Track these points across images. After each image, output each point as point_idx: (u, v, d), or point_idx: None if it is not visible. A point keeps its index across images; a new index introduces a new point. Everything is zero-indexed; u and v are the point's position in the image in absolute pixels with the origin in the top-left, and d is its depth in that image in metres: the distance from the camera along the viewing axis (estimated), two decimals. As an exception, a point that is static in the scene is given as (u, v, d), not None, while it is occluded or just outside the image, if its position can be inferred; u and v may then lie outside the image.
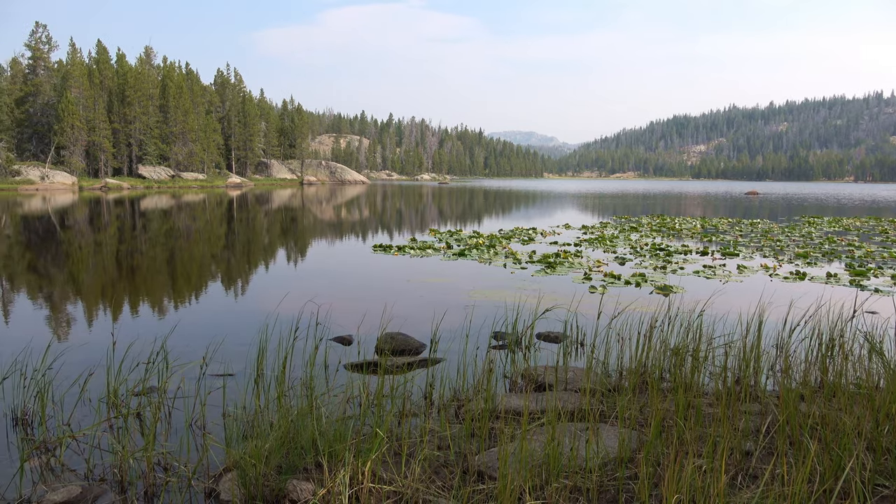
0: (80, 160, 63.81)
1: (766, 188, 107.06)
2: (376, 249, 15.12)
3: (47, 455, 3.96)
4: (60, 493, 3.38)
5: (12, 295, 9.88)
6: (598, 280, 10.70)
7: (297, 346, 5.58)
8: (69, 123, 61.78)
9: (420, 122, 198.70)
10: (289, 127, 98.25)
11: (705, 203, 47.01)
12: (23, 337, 6.64)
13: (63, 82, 64.24)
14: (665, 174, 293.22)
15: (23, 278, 11.58)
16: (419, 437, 3.81)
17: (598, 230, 20.49)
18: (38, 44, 67.23)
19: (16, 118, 65.01)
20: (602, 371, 5.27)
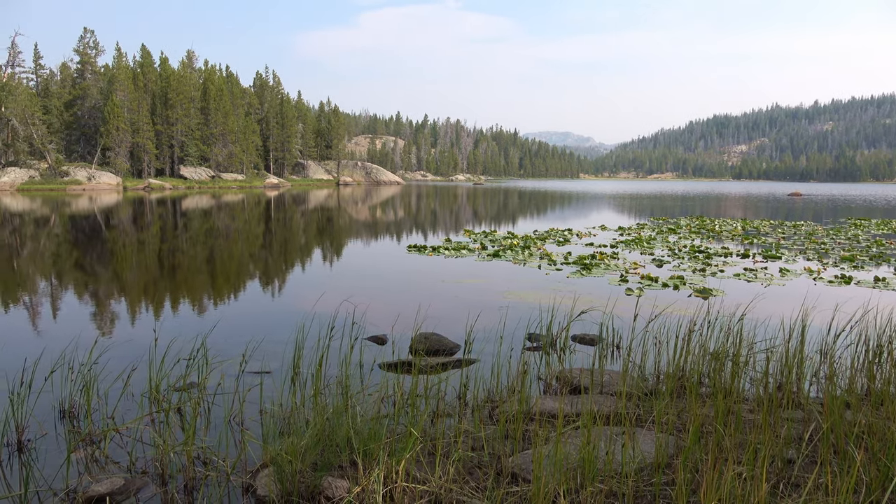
0: (124, 161, 65.70)
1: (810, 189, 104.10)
2: (411, 250, 15.18)
3: (92, 447, 4.08)
4: (104, 485, 3.48)
5: (61, 291, 10.22)
6: (634, 282, 10.56)
7: (332, 345, 5.65)
8: (114, 125, 63.67)
9: (455, 123, 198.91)
10: (325, 128, 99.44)
11: (746, 204, 45.94)
12: (70, 332, 6.87)
13: (109, 86, 66.24)
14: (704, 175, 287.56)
15: (70, 275, 11.97)
16: (453, 438, 3.82)
17: (634, 232, 20.21)
18: (86, 48, 69.46)
19: (65, 121, 67.31)
20: (638, 375, 5.20)
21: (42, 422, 4.46)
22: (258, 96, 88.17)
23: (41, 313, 8.45)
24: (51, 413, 4.65)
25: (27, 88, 66.86)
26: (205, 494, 3.50)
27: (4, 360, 5.73)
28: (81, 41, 69.49)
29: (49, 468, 3.82)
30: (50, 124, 65.34)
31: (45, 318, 8.13)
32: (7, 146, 62.21)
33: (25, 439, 4.17)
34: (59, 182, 60.13)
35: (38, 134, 62.69)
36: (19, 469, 3.84)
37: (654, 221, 25.63)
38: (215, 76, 77.32)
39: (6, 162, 62.02)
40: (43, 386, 4.77)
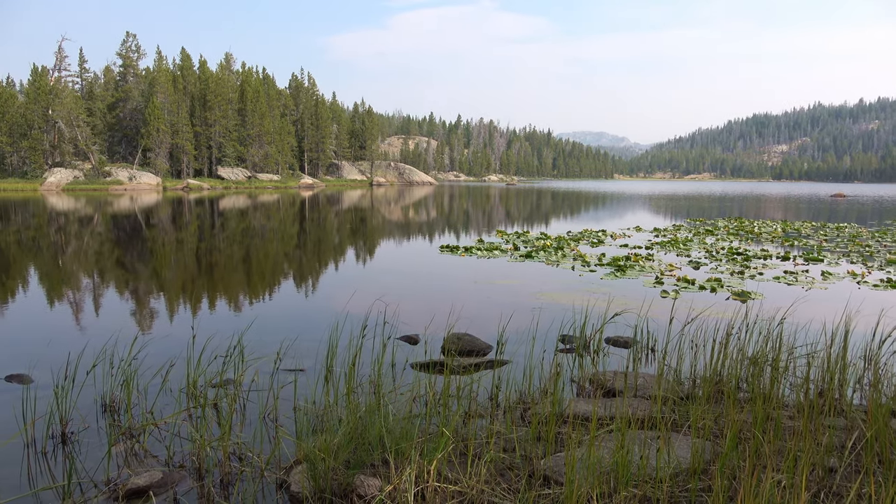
0: (164, 162, 67.32)
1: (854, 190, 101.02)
2: (443, 250, 15.20)
3: (132, 441, 4.19)
4: (143, 478, 3.57)
5: (103, 288, 10.51)
6: (670, 284, 10.39)
7: (365, 345, 5.69)
8: (155, 127, 65.26)
9: (488, 124, 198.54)
10: (359, 129, 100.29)
11: (787, 206, 44.82)
12: (111, 328, 7.06)
13: (150, 88, 67.94)
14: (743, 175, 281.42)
15: (112, 273, 12.31)
16: (485, 439, 3.81)
17: (670, 233, 19.89)
18: (128, 52, 71.36)
19: (108, 123, 69.27)
20: (674, 378, 5.11)
21: (84, 415, 4.59)
22: (293, 98, 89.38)
23: (84, 309, 8.69)
24: (93, 407, 4.78)
25: (73, 91, 69.04)
26: (240, 489, 3.56)
27: (50, 355, 5.92)
28: (124, 45, 71.43)
29: (91, 460, 3.93)
30: (94, 126, 67.37)
31: (88, 314, 8.36)
32: (53, 147, 64.29)
33: (69, 432, 4.30)
34: (102, 182, 61.90)
35: (83, 135, 64.66)
36: (63, 461, 3.95)
37: (690, 223, 25.19)
38: (252, 78, 78.65)
39: (52, 163, 64.11)
40: (85, 380, 4.91)
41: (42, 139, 63.33)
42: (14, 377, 5.45)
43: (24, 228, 21.91)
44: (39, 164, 63.02)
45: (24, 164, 63.82)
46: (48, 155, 64.16)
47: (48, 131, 63.92)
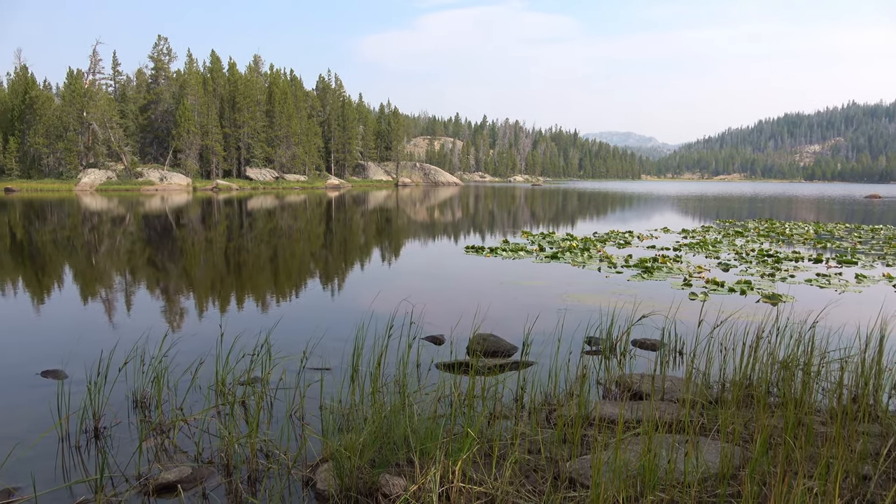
0: (194, 163, 68.46)
1: (890, 191, 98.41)
2: (468, 251, 15.20)
3: (162, 436, 4.26)
4: (173, 473, 3.63)
5: (134, 286, 10.72)
6: (698, 286, 10.24)
7: (391, 344, 5.71)
8: (185, 128, 66.42)
9: (514, 124, 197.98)
10: (385, 130, 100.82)
11: (819, 207, 43.87)
12: (142, 325, 7.20)
13: (180, 90, 69.17)
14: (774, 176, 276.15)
15: (143, 271, 12.55)
16: (510, 440, 3.80)
17: (699, 234, 19.61)
18: (160, 55, 72.75)
19: (140, 124, 70.70)
20: (702, 382, 5.04)
21: (116, 411, 4.69)
22: (320, 99, 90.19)
23: (116, 307, 8.88)
24: (124, 402, 4.88)
25: (106, 94, 70.64)
26: (267, 486, 3.60)
27: (83, 351, 6.06)
28: (156, 48, 72.85)
29: (122, 455, 4.01)
30: (126, 128, 68.82)
31: (120, 312, 8.54)
32: (88, 149, 65.82)
33: (102, 427, 4.40)
34: (134, 182, 63.16)
35: (116, 137, 66.09)
36: (96, 455, 4.04)
37: (719, 224, 24.80)
38: (280, 80, 79.56)
39: (87, 164, 65.64)
40: (117, 376, 5.01)
41: (77, 141, 64.90)
42: (49, 373, 5.59)
43: (60, 228, 22.46)
44: (74, 165, 64.60)
45: (59, 165, 65.47)
46: (82, 156, 65.73)
47: (83, 133, 65.47)
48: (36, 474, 3.70)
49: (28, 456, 3.93)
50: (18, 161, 65.87)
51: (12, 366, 5.88)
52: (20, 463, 3.83)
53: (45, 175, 65.24)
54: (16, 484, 3.61)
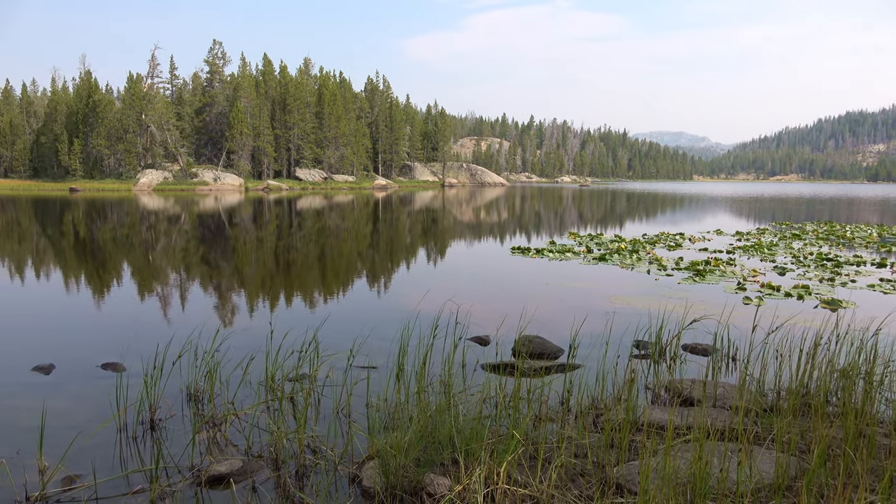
0: (246, 163, 70.22)
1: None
2: (514, 251, 15.12)
3: (214, 429, 4.38)
4: (224, 465, 3.73)
5: (188, 283, 11.06)
6: (753, 291, 9.93)
7: (436, 344, 5.73)
8: (238, 130, 68.17)
9: (562, 124, 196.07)
10: (432, 131, 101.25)
11: (883, 209, 41.94)
12: (196, 321, 7.41)
13: (234, 93, 71.02)
14: (834, 177, 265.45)
15: (196, 269, 12.93)
16: (555, 443, 3.75)
17: (754, 237, 19.01)
18: (215, 59, 74.83)
19: (195, 126, 72.94)
20: (756, 389, 4.88)
21: (171, 403, 4.84)
22: (369, 100, 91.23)
23: (171, 302, 9.17)
24: (179, 395, 5.03)
25: (164, 97, 73.17)
26: (314, 482, 3.66)
27: (140, 345, 6.28)
28: (211, 52, 74.96)
29: (176, 447, 4.14)
30: (182, 129, 71.12)
31: (175, 307, 8.82)
32: (146, 150, 68.32)
33: (157, 418, 4.55)
34: (189, 183, 65.19)
35: (172, 139, 68.37)
36: (151, 446, 4.18)
37: (775, 226, 23.99)
38: (329, 82, 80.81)
39: (145, 165, 68.13)
40: (172, 370, 5.18)
41: (136, 142, 67.45)
42: (109, 365, 5.82)
43: (119, 226, 23.36)
44: (133, 166, 67.15)
45: (119, 165, 68.18)
46: (141, 157, 68.26)
47: (141, 135, 67.99)
48: (95, 463, 3.85)
49: (88, 445, 4.09)
50: (82, 162, 68.89)
51: (76, 359, 6.14)
52: (81, 451, 3.99)
53: (106, 175, 68.04)
54: (77, 471, 3.77)
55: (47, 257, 14.56)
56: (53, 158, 71.99)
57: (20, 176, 75.62)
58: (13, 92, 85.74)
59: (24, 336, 7.24)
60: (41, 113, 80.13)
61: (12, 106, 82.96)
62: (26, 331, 7.52)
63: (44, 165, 74.65)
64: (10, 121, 77.69)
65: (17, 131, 77.29)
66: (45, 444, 3.91)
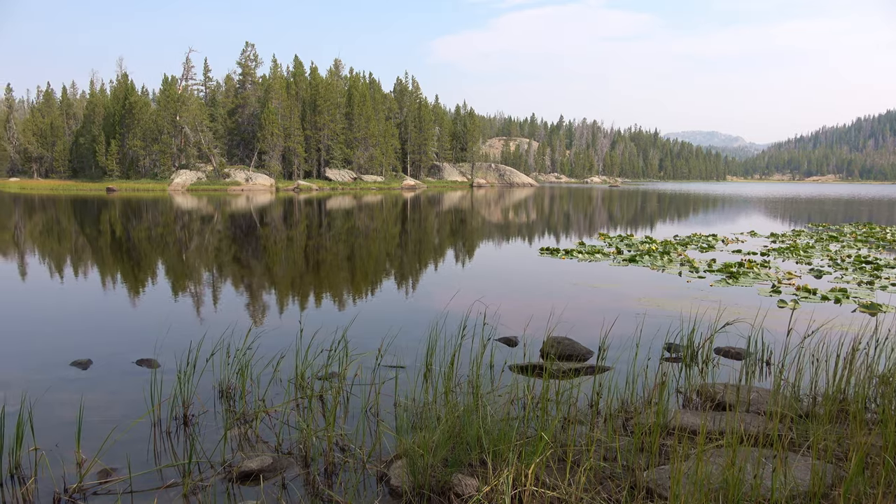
0: (277, 164, 71.16)
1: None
2: (543, 252, 15.04)
3: (245, 426, 4.45)
4: (255, 462, 3.78)
5: (220, 281, 11.24)
6: (788, 294, 9.72)
7: (464, 345, 5.73)
8: (269, 131, 69.10)
9: (591, 124, 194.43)
10: (461, 131, 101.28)
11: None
12: (228, 319, 7.53)
13: (265, 94, 72.02)
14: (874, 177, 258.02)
15: (228, 268, 13.14)
16: (584, 446, 3.72)
17: (789, 239, 18.61)
18: (247, 61, 75.97)
19: (227, 127, 74.15)
20: (791, 394, 4.77)
21: (203, 400, 4.93)
22: (398, 101, 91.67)
23: (204, 300, 9.34)
24: (211, 392, 5.12)
25: (198, 99, 74.56)
26: (343, 479, 3.69)
27: (174, 342, 6.41)
28: (243, 54, 76.13)
29: (208, 442, 4.21)
30: (215, 131, 72.34)
31: (208, 305, 8.97)
32: (180, 151, 69.69)
33: (190, 414, 4.63)
34: (222, 183, 66.27)
35: (206, 140, 69.61)
36: (184, 441, 4.26)
37: (812, 228, 23.44)
38: (359, 83, 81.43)
39: (179, 165, 69.49)
40: (205, 367, 5.27)
41: (170, 143, 68.85)
42: (144, 361, 5.95)
43: (154, 225, 23.86)
44: (168, 167, 68.56)
45: (154, 166, 69.67)
46: (175, 158, 69.65)
47: (176, 136, 69.36)
48: (130, 456, 3.93)
49: (124, 439, 4.19)
50: (118, 163, 70.56)
51: (112, 354, 6.29)
52: (117, 445, 4.09)
53: (141, 175, 69.58)
54: (113, 465, 3.86)
55: (85, 255, 14.94)
56: (91, 159, 73.90)
57: (60, 176, 77.83)
58: (54, 94, 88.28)
59: (63, 332, 7.44)
60: (80, 115, 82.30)
61: (53, 108, 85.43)
62: (65, 326, 7.73)
63: (82, 166, 76.69)
64: (51, 123, 79.99)
65: (58, 133, 79.56)
66: (83, 438, 4.01)
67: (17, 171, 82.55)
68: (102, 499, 3.51)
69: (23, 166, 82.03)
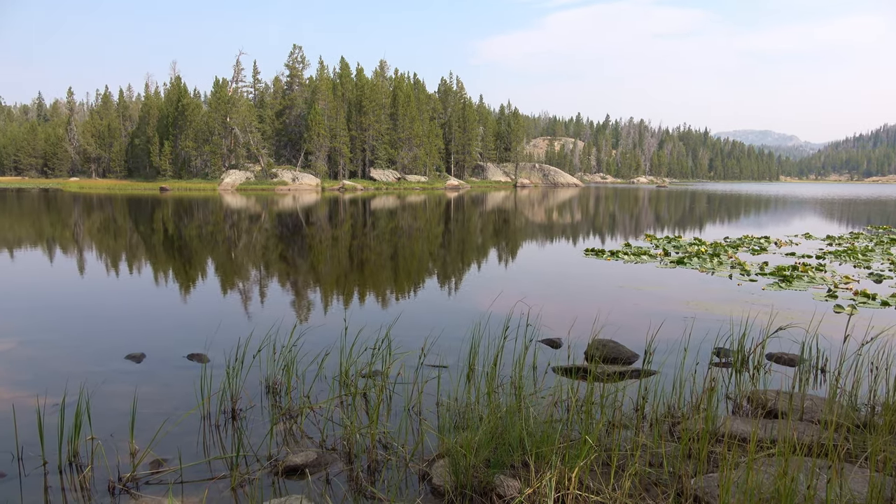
0: (323, 164, 72.29)
1: None
2: (587, 253, 14.85)
3: (290, 421, 4.53)
4: (300, 457, 3.84)
5: (267, 279, 11.48)
6: (845, 299, 9.35)
7: (506, 345, 5.70)
8: (316, 132, 70.24)
9: (638, 123, 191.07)
10: (505, 131, 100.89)
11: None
12: (274, 316, 7.68)
13: (312, 96, 73.25)
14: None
15: (275, 266, 13.40)
16: (629, 451, 3.66)
17: (847, 241, 17.91)
18: (295, 63, 77.40)
19: (275, 128, 75.72)
20: (848, 403, 4.59)
21: (251, 395, 5.04)
22: (442, 101, 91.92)
23: (252, 298, 9.54)
24: (258, 387, 5.23)
25: (247, 100, 76.33)
26: (385, 477, 3.72)
27: (223, 338, 6.57)
28: (291, 57, 77.61)
29: (255, 436, 4.30)
30: (263, 132, 73.96)
31: (255, 302, 9.17)
32: (230, 151, 71.45)
33: (238, 408, 4.74)
34: (269, 183, 67.67)
35: (254, 140, 71.22)
36: (232, 434, 4.37)
37: (871, 230, 22.50)
38: (404, 84, 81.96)
39: (228, 165, 71.27)
40: (252, 363, 5.38)
41: (221, 144, 70.70)
42: (194, 356, 6.12)
43: (205, 224, 24.52)
44: (218, 167, 70.43)
45: (205, 166, 71.67)
46: (225, 158, 71.48)
47: (226, 137, 71.16)
48: (181, 448, 4.05)
49: (175, 431, 4.31)
50: (171, 163, 72.87)
51: (164, 348, 6.49)
52: (169, 437, 4.21)
53: (193, 175, 71.67)
54: (164, 455, 3.98)
55: (139, 253, 15.47)
56: (146, 159, 76.54)
57: (116, 176, 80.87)
58: (111, 97, 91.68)
59: (118, 326, 7.72)
60: (135, 117, 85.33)
61: (110, 110, 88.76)
62: (120, 321, 8.01)
63: (137, 166, 79.49)
64: (108, 124, 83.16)
65: (114, 134, 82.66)
66: (136, 429, 4.15)
67: (76, 171, 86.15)
68: (154, 488, 3.62)
69: (82, 166, 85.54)
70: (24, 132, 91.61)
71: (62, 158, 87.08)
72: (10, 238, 18.60)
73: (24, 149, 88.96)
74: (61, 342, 6.82)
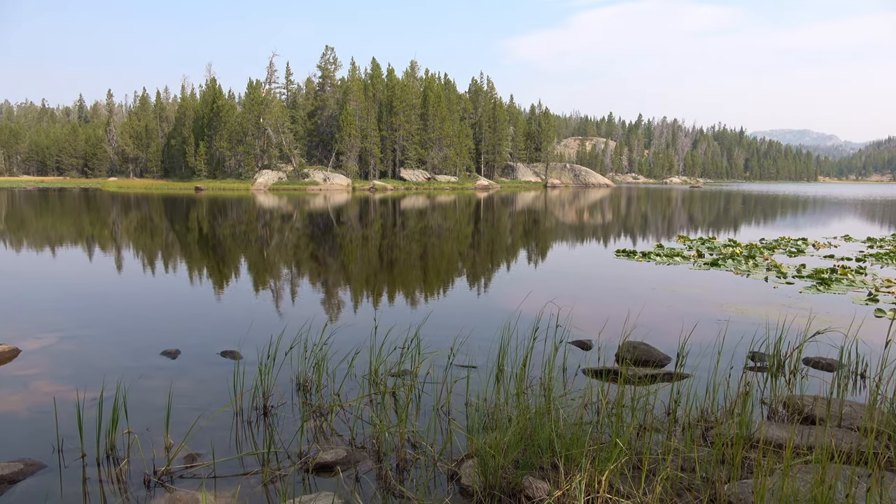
0: (354, 164, 72.87)
1: None
2: (619, 254, 14.69)
3: (321, 419, 4.57)
4: (330, 454, 3.88)
5: (299, 278, 11.61)
6: (886, 302, 9.08)
7: (536, 346, 5.68)
8: (347, 132, 70.86)
9: (671, 123, 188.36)
10: (535, 131, 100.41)
11: None
12: (305, 314, 7.77)
13: (344, 96, 73.87)
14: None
15: (306, 265, 13.55)
16: (661, 455, 3.61)
17: (888, 244, 17.38)
18: (327, 64, 78.16)
19: (307, 129, 76.59)
20: (889, 410, 4.45)
21: (282, 392, 5.10)
22: (472, 101, 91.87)
23: (283, 296, 9.67)
24: (289, 385, 5.30)
25: (280, 101, 77.34)
26: (414, 476, 3.73)
27: (255, 335, 6.67)
28: (323, 58, 78.35)
29: (286, 433, 4.36)
30: (296, 132, 74.88)
31: (286, 301, 9.28)
32: (263, 152, 72.50)
33: (269, 405, 4.81)
34: (301, 183, 68.47)
35: (287, 141, 72.12)
36: (264, 431, 4.43)
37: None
38: (434, 84, 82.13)
39: (261, 165, 72.30)
40: (283, 360, 5.46)
41: (254, 144, 71.78)
42: (228, 353, 6.22)
43: (238, 223, 24.93)
44: (251, 167, 71.52)
45: (239, 166, 72.84)
46: (258, 158, 72.55)
47: (259, 137, 72.21)
48: (214, 443, 4.12)
49: (209, 426, 4.39)
50: (206, 163, 74.23)
51: (198, 345, 6.61)
52: (202, 432, 4.29)
53: (227, 175, 72.90)
54: (198, 450, 4.05)
55: (175, 251, 15.79)
56: (181, 159, 78.11)
57: (153, 175, 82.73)
58: (149, 99, 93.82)
59: (154, 323, 7.89)
60: (172, 118, 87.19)
61: (147, 112, 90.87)
62: (156, 318, 8.19)
63: (173, 166, 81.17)
64: (146, 126, 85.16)
65: (152, 135, 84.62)
66: (171, 423, 4.24)
67: (115, 171, 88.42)
68: (188, 482, 3.69)
69: (120, 166, 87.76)
70: (65, 133, 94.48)
71: (101, 159, 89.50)
72: (53, 237, 19.17)
73: (66, 150, 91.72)
74: (100, 338, 7.00)
